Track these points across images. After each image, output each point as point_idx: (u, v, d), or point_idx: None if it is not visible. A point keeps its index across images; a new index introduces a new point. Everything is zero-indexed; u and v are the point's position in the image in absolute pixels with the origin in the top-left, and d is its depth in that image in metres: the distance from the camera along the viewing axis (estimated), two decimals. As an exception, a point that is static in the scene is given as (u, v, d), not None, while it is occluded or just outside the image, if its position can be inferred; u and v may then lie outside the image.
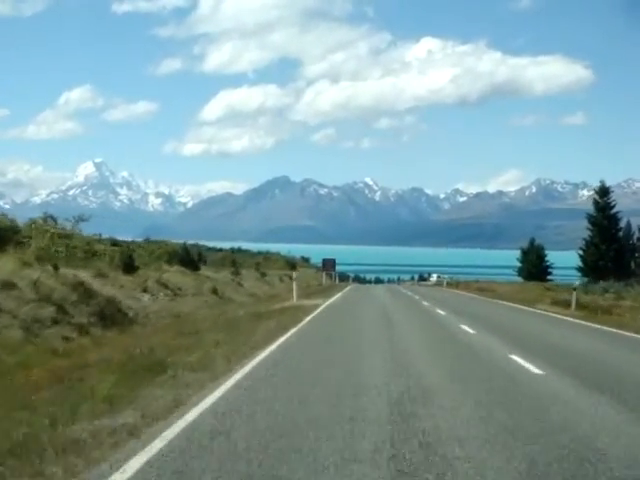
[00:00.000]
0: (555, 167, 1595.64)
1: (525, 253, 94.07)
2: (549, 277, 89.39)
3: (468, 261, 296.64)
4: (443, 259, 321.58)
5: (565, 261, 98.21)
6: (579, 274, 74.11)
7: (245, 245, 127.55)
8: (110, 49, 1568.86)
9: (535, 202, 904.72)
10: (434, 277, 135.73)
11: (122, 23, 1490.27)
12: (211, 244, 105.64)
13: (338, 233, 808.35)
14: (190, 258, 53.64)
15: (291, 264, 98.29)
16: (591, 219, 75.02)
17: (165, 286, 35.15)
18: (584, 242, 75.33)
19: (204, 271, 51.61)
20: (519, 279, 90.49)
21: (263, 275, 67.55)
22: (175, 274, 41.13)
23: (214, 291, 41.32)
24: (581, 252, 75.22)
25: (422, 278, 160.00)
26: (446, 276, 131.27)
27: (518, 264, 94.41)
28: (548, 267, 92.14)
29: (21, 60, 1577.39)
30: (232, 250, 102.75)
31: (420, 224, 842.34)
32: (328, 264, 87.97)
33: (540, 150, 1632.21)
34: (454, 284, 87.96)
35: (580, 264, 74.97)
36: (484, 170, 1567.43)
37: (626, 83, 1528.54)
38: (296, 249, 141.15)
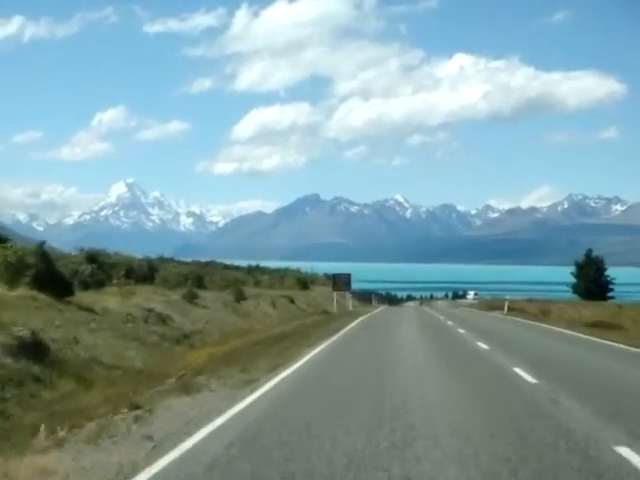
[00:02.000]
0: (588, 182, 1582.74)
1: (581, 267, 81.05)
2: (610, 294, 79.47)
3: (503, 277, 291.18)
4: (476, 276, 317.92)
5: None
6: None
7: (275, 263, 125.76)
8: (142, 70, 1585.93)
9: (568, 218, 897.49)
10: (470, 295, 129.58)
11: (154, 44, 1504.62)
12: (238, 262, 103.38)
13: (369, 251, 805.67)
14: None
15: (302, 283, 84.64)
16: None
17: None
18: None
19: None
20: (574, 297, 79.35)
21: (238, 299, 49.32)
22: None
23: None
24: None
25: (457, 296, 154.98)
26: (478, 294, 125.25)
27: (559, 279, 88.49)
28: (609, 283, 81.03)
29: (55, 82, 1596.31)
30: (249, 268, 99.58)
31: (452, 241, 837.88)
32: (340, 281, 66.42)
33: (572, 165, 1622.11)
34: (501, 305, 64.35)
35: None
36: (516, 186, 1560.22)
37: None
38: (326, 267, 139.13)
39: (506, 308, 60.21)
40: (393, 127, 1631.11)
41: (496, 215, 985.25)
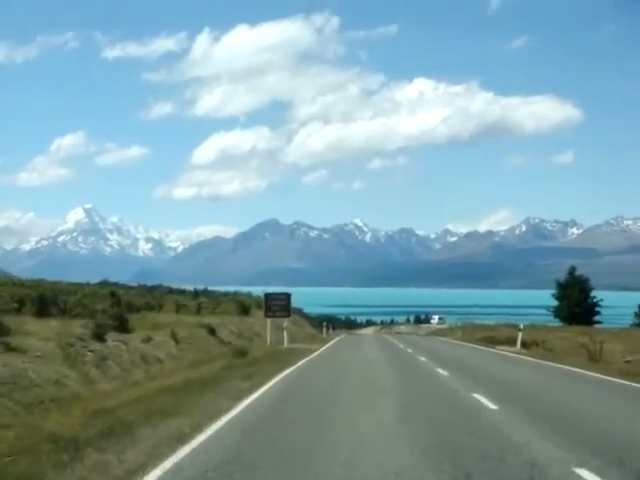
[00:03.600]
0: (545, 206, 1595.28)
1: (564, 287, 72.10)
2: (596, 318, 71.44)
3: (464, 301, 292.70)
4: (437, 299, 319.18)
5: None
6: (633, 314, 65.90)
7: (234, 288, 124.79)
8: (102, 95, 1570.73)
9: (525, 241, 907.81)
10: (435, 319, 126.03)
11: (113, 68, 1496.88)
12: (198, 287, 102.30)
13: (328, 275, 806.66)
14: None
15: (243, 308, 67.83)
16: None
17: None
18: None
19: None
20: (555, 321, 72.06)
21: (99, 335, 27.74)
22: None
23: None
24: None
25: (419, 320, 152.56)
26: (444, 318, 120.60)
27: (521, 302, 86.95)
28: (595, 305, 72.54)
29: (13, 107, 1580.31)
30: (196, 292, 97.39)
31: (411, 265, 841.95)
32: (274, 304, 46.04)
33: (530, 189, 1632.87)
34: (505, 336, 48.10)
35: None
36: (474, 210, 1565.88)
37: (614, 122, 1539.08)
38: (285, 292, 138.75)
39: (519, 343, 38.84)
40: (353, 151, 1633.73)
41: (455, 239, 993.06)
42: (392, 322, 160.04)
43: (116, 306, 41.94)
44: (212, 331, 43.95)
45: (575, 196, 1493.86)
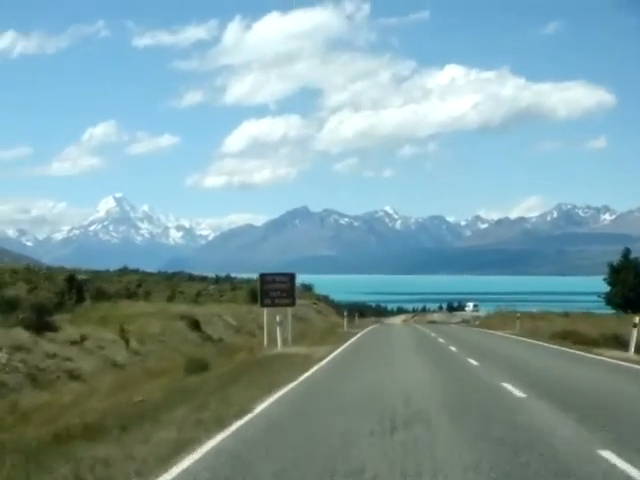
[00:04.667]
0: (577, 192, 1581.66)
1: (617, 272, 66.34)
2: None
3: (496, 288, 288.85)
4: (468, 286, 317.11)
5: (592, 286, 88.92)
6: None
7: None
8: (133, 83, 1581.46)
9: (557, 227, 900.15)
10: (469, 306, 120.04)
11: (144, 57, 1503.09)
12: (231, 275, 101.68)
13: (359, 262, 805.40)
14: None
15: (253, 295, 58.41)
16: None
17: None
18: None
19: None
20: (608, 308, 66.42)
21: None
22: None
23: None
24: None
25: (452, 308, 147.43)
26: (478, 306, 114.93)
27: (553, 289, 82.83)
28: None
29: (45, 98, 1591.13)
30: (217, 279, 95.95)
31: (441, 251, 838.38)
32: (272, 289, 33.20)
33: (561, 175, 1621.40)
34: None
35: None
36: (505, 196, 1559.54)
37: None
38: (315, 279, 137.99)
39: (633, 347, 25.52)
40: (383, 138, 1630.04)
41: (485, 226, 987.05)
42: (424, 309, 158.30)
43: (66, 294, 36.63)
44: (196, 325, 36.07)
45: (608, 182, 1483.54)
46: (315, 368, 20.77)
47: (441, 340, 36.65)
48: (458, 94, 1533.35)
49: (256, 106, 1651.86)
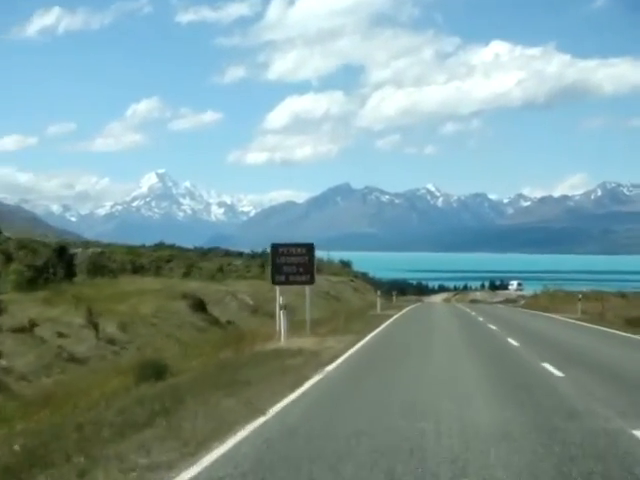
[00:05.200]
0: (622, 170, 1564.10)
1: None
2: None
3: (540, 266, 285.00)
4: (511, 265, 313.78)
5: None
6: None
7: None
8: (176, 60, 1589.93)
9: (601, 206, 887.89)
10: (513, 285, 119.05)
11: (187, 33, 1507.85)
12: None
13: (400, 240, 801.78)
14: None
15: None
16: None
17: None
18: None
19: None
20: None
21: None
22: None
23: None
24: None
25: (495, 286, 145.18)
26: (522, 285, 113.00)
27: (599, 268, 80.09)
28: None
29: (89, 73, 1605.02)
30: (253, 254, 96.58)
31: (483, 229, 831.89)
32: (284, 264, 27.35)
33: (606, 153, 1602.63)
34: None
35: None
36: (549, 174, 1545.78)
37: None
38: (357, 256, 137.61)
39: None
40: (426, 115, 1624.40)
41: (528, 204, 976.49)
42: (465, 287, 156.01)
43: (50, 268, 31.36)
44: (200, 305, 31.39)
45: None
46: (311, 383, 13.81)
47: (493, 327, 31.07)
48: (502, 71, 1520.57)
49: (298, 82, 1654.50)
